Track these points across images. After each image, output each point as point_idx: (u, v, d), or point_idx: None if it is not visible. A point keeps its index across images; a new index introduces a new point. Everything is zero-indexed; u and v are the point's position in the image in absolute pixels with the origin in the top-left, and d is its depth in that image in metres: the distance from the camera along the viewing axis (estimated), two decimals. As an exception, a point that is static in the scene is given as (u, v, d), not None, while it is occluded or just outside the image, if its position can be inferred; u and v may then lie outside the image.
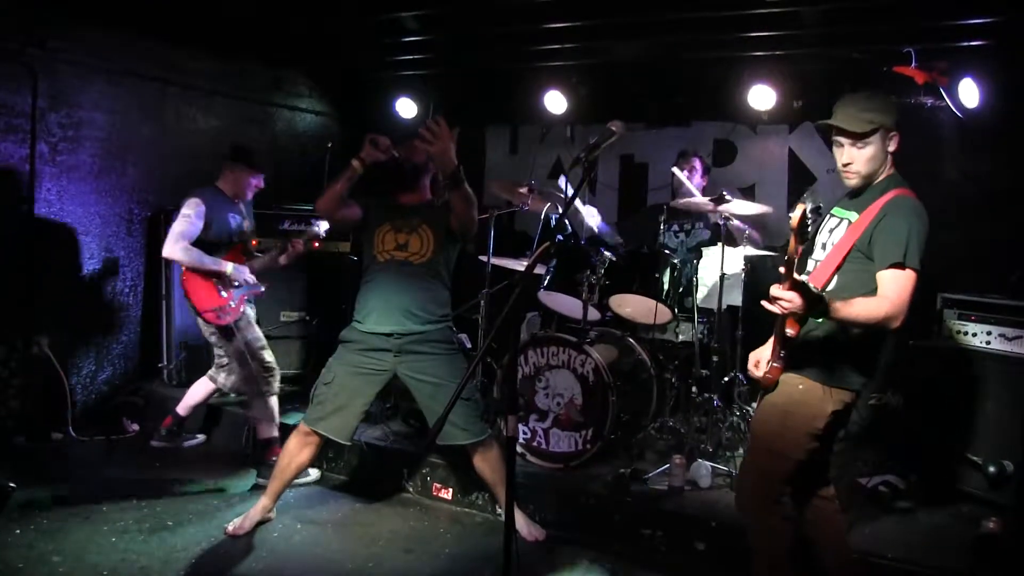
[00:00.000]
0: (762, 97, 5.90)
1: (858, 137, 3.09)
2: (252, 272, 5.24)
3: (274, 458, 4.94)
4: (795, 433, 3.11)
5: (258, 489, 4.82)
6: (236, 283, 5.15)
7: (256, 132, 7.29)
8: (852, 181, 3.18)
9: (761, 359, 3.29)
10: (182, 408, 5.55)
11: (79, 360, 6.09)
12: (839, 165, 3.20)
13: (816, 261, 3.22)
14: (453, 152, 3.92)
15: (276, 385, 5.24)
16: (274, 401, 5.22)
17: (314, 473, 5.17)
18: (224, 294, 5.11)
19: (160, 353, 6.45)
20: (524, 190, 5.54)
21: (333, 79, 7.86)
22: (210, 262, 5.04)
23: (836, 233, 3.17)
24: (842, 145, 3.15)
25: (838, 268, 3.10)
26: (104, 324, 6.25)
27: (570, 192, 5.42)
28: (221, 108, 6.97)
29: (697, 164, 5.87)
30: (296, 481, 4.73)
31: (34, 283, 5.73)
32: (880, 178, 3.14)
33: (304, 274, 6.31)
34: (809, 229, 2.86)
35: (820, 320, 3.09)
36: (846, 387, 3.09)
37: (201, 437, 5.69)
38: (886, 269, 2.94)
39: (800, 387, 3.12)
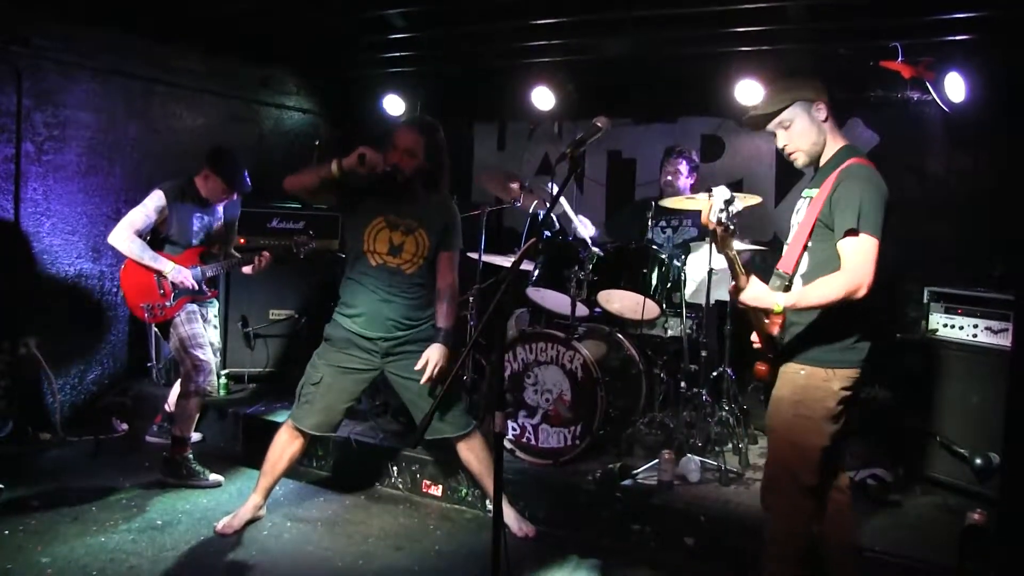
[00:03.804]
0: (749, 92, 5.90)
1: (774, 116, 3.17)
2: (205, 276, 5.09)
3: (180, 456, 4.98)
4: (810, 420, 3.08)
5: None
6: (176, 284, 4.98)
7: (243, 130, 7.27)
8: (799, 161, 3.23)
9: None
10: (168, 405, 5.54)
11: (67, 360, 6.06)
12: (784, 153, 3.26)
13: (788, 245, 3.23)
14: None
15: (205, 385, 5.01)
16: (195, 403, 5.00)
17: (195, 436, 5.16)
18: (162, 291, 4.96)
19: (148, 352, 6.44)
20: (515, 186, 5.54)
21: (320, 77, 7.84)
22: (149, 258, 4.89)
23: (800, 213, 3.19)
24: (775, 133, 3.23)
25: (805, 247, 3.11)
26: (92, 324, 6.23)
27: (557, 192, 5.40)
28: (208, 106, 6.94)
29: (682, 166, 5.80)
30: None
31: (21, 283, 5.72)
32: (833, 152, 3.15)
33: (293, 272, 6.31)
34: (729, 223, 2.85)
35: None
36: (846, 366, 3.07)
37: (197, 436, 5.57)
38: (842, 239, 2.95)
39: (802, 373, 3.10)
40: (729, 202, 2.82)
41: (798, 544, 3.17)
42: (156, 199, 4.94)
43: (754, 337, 3.30)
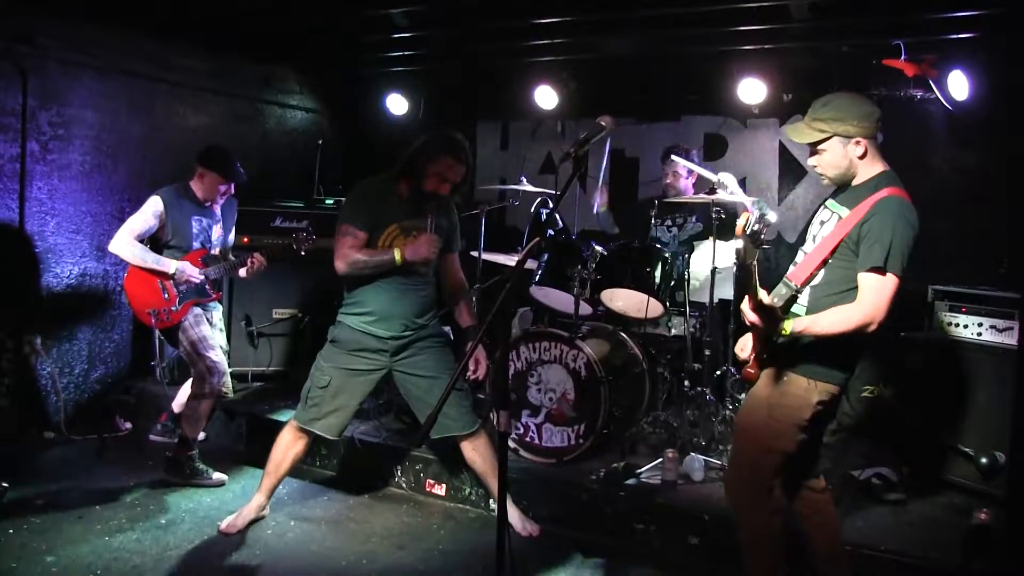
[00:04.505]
0: (752, 91, 5.91)
1: (810, 146, 3.16)
2: (208, 278, 5.08)
3: (184, 456, 4.97)
4: (782, 425, 3.13)
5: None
6: (181, 285, 4.97)
7: (246, 129, 7.28)
8: (824, 181, 3.24)
9: (746, 345, 3.30)
10: (176, 405, 5.54)
11: (71, 359, 6.07)
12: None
13: (805, 253, 3.22)
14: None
15: (220, 386, 5.00)
16: (207, 405, 4.99)
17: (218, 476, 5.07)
18: (167, 296, 4.95)
19: (152, 351, 6.44)
20: (515, 186, 5.54)
21: (324, 76, 7.84)
22: (152, 261, 4.88)
23: (826, 227, 3.17)
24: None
25: (824, 262, 3.10)
26: (96, 323, 6.23)
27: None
28: (211, 105, 6.95)
29: (680, 170, 5.80)
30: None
31: (25, 282, 5.72)
32: (869, 176, 3.11)
33: (296, 271, 6.31)
34: (762, 236, 2.87)
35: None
36: (827, 380, 3.10)
37: (201, 435, 5.55)
38: (866, 272, 2.95)
39: (784, 379, 3.14)
40: (764, 214, 2.83)
41: (770, 539, 3.22)
42: (154, 204, 4.95)
43: (739, 347, 3.35)
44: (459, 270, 4.51)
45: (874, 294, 2.93)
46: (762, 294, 3.03)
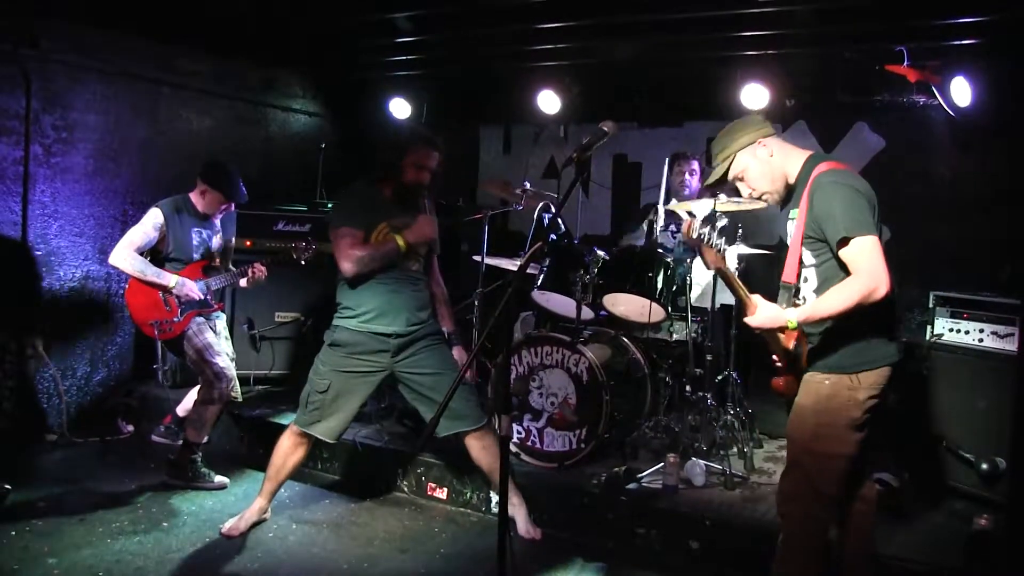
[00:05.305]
0: (755, 96, 5.90)
1: (725, 177, 3.22)
2: (210, 289, 5.08)
3: (186, 459, 4.97)
4: (834, 429, 3.02)
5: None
6: (182, 297, 4.96)
7: (249, 132, 7.29)
8: (771, 200, 3.27)
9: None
10: (181, 409, 5.55)
11: (74, 362, 6.08)
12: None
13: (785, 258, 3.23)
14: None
15: (229, 392, 4.99)
16: (215, 411, 4.98)
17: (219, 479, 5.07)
18: (168, 308, 4.94)
19: (154, 355, 6.45)
20: (518, 190, 5.55)
21: (327, 80, 7.86)
22: (152, 274, 4.87)
23: (788, 236, 3.19)
24: (736, 187, 3.29)
25: (800, 257, 3.10)
26: (98, 326, 6.24)
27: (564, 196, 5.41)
28: (215, 109, 6.96)
29: (695, 166, 5.84)
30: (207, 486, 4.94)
31: (28, 285, 5.73)
32: (798, 169, 3.15)
33: (298, 274, 6.31)
34: (712, 240, 2.89)
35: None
36: (871, 368, 3.01)
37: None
38: (840, 250, 2.94)
39: (827, 383, 3.04)
40: (710, 218, 2.85)
41: (813, 553, 3.12)
42: (154, 216, 4.94)
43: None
44: (439, 274, 4.56)
45: (861, 263, 2.90)
46: (757, 298, 3.04)
